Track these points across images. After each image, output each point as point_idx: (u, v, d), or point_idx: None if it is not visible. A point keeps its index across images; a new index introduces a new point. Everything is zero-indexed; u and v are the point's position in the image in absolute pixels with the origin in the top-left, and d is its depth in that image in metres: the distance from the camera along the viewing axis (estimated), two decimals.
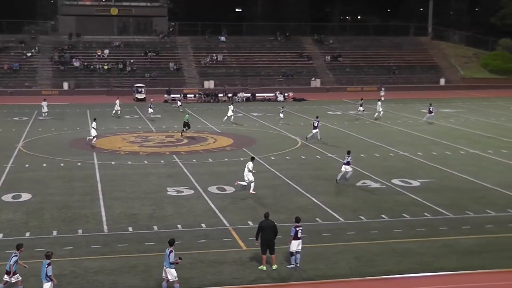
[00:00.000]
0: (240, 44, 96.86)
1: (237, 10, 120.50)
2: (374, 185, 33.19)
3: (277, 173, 36.01)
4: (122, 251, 22.98)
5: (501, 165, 38.51)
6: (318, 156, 40.91)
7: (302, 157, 40.63)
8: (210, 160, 39.87)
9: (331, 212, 28.17)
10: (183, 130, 48.94)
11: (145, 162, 39.35)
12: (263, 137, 48.73)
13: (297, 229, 21.40)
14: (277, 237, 21.48)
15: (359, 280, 20.61)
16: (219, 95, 77.00)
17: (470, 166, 37.82)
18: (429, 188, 32.52)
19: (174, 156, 41.02)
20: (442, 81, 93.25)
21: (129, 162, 39.09)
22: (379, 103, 59.43)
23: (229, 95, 77.03)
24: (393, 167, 37.50)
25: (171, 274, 19.28)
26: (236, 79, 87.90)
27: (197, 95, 77.58)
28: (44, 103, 58.33)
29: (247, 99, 77.03)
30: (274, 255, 21.35)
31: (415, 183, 33.60)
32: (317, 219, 27.10)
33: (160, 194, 31.20)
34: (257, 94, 78.86)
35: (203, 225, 26.26)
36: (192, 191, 31.76)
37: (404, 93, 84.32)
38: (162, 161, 39.42)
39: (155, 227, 25.89)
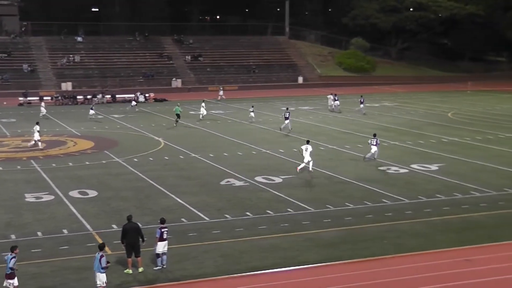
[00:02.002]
0: (98, 44, 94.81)
1: (93, 9, 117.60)
2: (238, 183, 33.56)
3: (140, 174, 35.56)
4: None
5: (357, 159, 40.15)
6: (181, 156, 40.84)
7: (166, 157, 40.40)
8: (71, 164, 38.70)
9: (196, 211, 28.20)
10: (176, 121, 53.55)
11: (0, 168, 37.57)
12: (125, 139, 47.96)
13: (162, 230, 21.26)
14: (144, 240, 21.26)
15: (226, 278, 20.77)
16: (78, 97, 75.02)
17: (329, 161, 39.17)
18: (291, 184, 33.35)
19: (31, 161, 39.46)
20: (300, 79, 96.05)
21: None
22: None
23: (88, 97, 75.13)
24: (256, 164, 38.10)
25: (100, 279, 18.78)
26: (95, 80, 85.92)
27: (54, 97, 75.01)
28: None
29: (108, 101, 75.46)
30: (140, 258, 21.10)
31: (278, 179, 34.32)
32: (183, 219, 27.03)
33: (17, 201, 29.88)
34: (117, 96, 77.45)
35: (65, 231, 25.44)
36: (53, 197, 30.69)
37: (264, 92, 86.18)
38: (19, 167, 37.80)
39: (13, 236, 24.74)
